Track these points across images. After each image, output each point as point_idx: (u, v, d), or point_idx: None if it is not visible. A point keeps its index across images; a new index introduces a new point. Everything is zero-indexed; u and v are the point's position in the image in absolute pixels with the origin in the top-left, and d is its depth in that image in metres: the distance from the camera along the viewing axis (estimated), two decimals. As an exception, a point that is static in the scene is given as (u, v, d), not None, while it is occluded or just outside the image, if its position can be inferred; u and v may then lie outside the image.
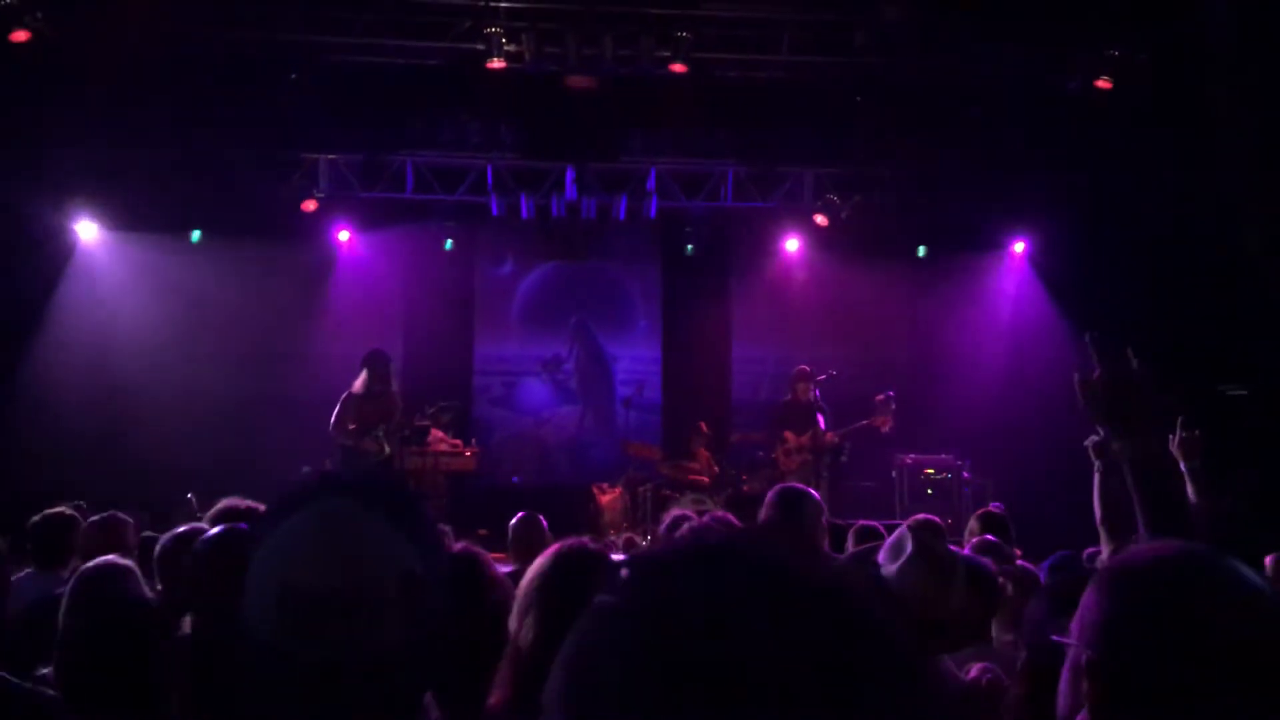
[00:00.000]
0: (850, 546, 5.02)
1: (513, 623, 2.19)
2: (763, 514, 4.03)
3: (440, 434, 10.51)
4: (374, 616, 1.21)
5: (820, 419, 10.04)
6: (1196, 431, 4.33)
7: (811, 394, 10.14)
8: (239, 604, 1.24)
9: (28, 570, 4.53)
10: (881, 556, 3.08)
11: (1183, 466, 4.32)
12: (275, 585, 1.22)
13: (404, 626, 1.23)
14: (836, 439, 10.02)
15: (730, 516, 4.04)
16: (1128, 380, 1.95)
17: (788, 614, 0.67)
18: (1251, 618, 1.17)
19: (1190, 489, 4.23)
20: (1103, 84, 10.45)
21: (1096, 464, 4.21)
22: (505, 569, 2.99)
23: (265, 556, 1.25)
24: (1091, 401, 1.97)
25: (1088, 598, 1.26)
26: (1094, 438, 4.29)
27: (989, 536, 4.62)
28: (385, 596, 1.22)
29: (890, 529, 5.56)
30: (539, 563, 2.27)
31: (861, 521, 5.58)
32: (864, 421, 9.99)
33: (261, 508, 2.98)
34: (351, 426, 8.89)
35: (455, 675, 2.13)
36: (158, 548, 3.09)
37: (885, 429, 9.93)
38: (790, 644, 0.66)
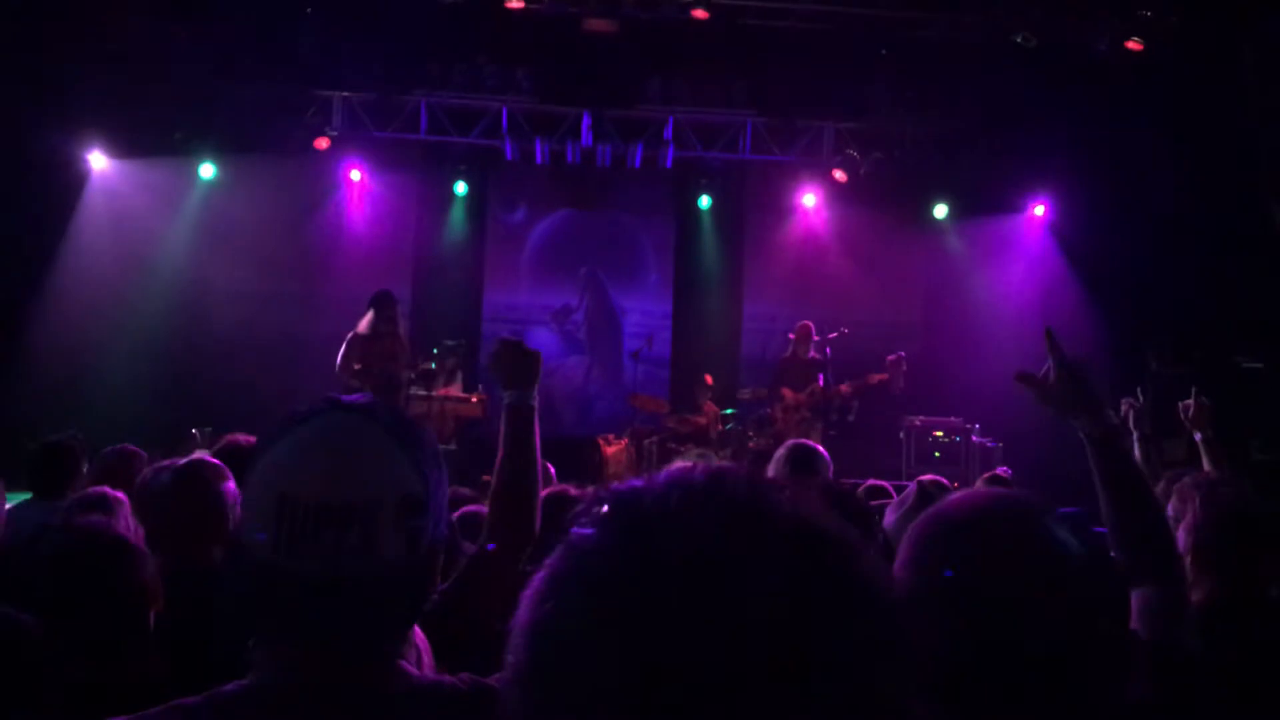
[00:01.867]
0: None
1: None
2: (771, 469, 4.01)
3: (458, 382, 10.47)
4: (370, 533, 1.19)
5: (820, 377, 10.00)
6: (1207, 401, 4.29)
7: (812, 351, 10.09)
8: (205, 539, 1.23)
9: (28, 498, 4.55)
10: (888, 510, 3.09)
11: (1197, 437, 4.28)
12: (273, 497, 1.20)
13: (399, 546, 1.21)
14: (835, 396, 9.98)
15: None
16: (1074, 367, 2.02)
17: (758, 550, 0.68)
18: (1027, 576, 1.16)
19: (1205, 460, 4.20)
20: (1132, 45, 10.27)
21: (1134, 434, 4.18)
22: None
23: (264, 469, 1.23)
24: (1045, 396, 2.04)
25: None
26: (1129, 400, 4.25)
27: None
28: (383, 514, 1.20)
29: (900, 490, 5.55)
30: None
31: (871, 481, 5.53)
32: (875, 378, 9.93)
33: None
34: (356, 367, 8.87)
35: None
36: (137, 481, 3.08)
37: (894, 390, 9.88)
38: (758, 581, 0.66)
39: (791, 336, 10.32)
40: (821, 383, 10.00)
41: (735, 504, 0.70)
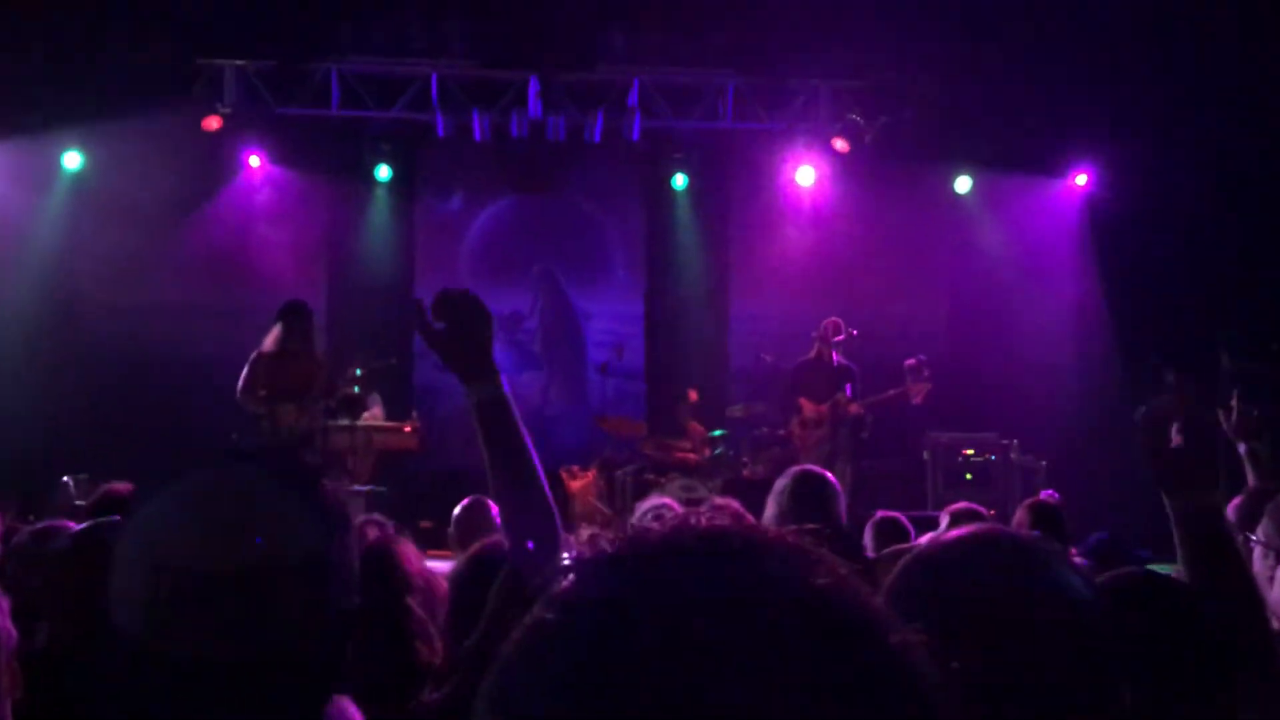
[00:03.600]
0: (868, 543, 5.00)
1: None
2: (773, 503, 4.02)
3: (377, 405, 10.44)
4: (264, 605, 1.20)
5: (849, 388, 9.97)
6: (1256, 411, 4.45)
7: (838, 355, 10.06)
8: (103, 601, 1.23)
9: None
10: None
11: (1241, 449, 4.41)
12: (146, 567, 1.21)
13: (303, 617, 1.22)
14: (861, 411, 9.98)
15: (737, 505, 4.00)
16: (1203, 436, 2.06)
17: (760, 636, 0.66)
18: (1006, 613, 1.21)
19: (1250, 474, 4.31)
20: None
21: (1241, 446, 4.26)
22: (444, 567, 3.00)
23: (136, 534, 1.24)
24: (1161, 466, 2.06)
25: None
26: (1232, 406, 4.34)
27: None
28: (279, 581, 1.21)
29: (919, 522, 5.55)
30: (456, 562, 2.33)
31: (881, 513, 5.53)
32: (893, 391, 9.96)
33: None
34: (262, 393, 8.84)
35: (378, 680, 2.23)
36: (6, 546, 3.05)
37: (918, 400, 9.90)
38: (761, 674, 0.65)
39: (816, 335, 10.23)
40: (850, 393, 9.97)
41: (736, 576, 0.69)
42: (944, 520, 3.02)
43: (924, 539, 3.37)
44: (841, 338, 10.06)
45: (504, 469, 2.10)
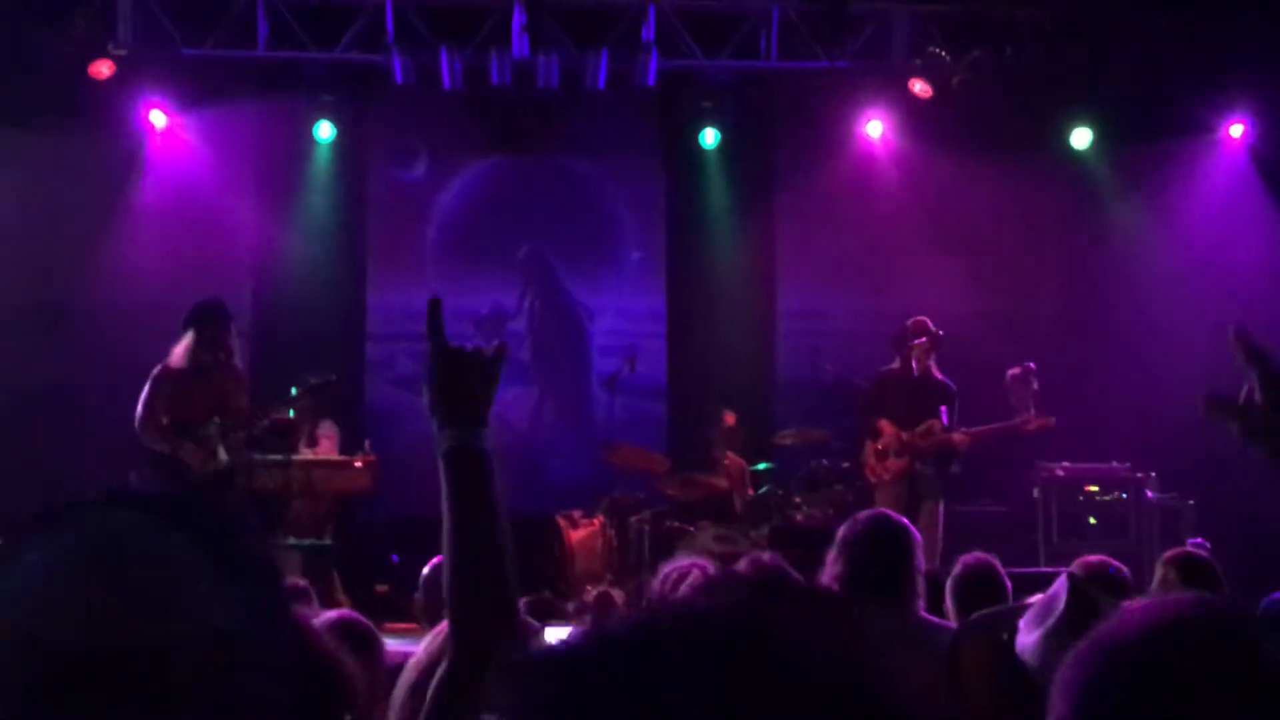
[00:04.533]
0: (950, 605, 4.97)
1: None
2: (835, 560, 4.03)
3: (329, 437, 10.45)
4: (164, 692, 1.19)
5: (944, 411, 9.95)
6: None
7: (935, 367, 10.02)
8: None
9: None
10: (1024, 622, 3.07)
11: None
12: (13, 643, 1.20)
13: (218, 708, 1.22)
14: (968, 440, 9.93)
15: (782, 563, 3.98)
16: None
17: None
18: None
19: None
20: None
21: None
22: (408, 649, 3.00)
23: (2, 603, 1.23)
24: (1250, 428, 2.09)
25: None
26: None
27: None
28: (184, 662, 1.20)
29: (1023, 580, 5.49)
30: (425, 643, 2.34)
31: (966, 560, 5.48)
32: (1012, 422, 9.98)
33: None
34: (165, 420, 8.83)
35: None
36: None
37: (1030, 426, 9.87)
38: None
39: (915, 338, 10.16)
40: (946, 419, 9.95)
41: (772, 683, 0.69)
42: (1059, 584, 2.96)
43: (1034, 600, 3.33)
44: (924, 340, 9.99)
45: (465, 538, 2.26)
